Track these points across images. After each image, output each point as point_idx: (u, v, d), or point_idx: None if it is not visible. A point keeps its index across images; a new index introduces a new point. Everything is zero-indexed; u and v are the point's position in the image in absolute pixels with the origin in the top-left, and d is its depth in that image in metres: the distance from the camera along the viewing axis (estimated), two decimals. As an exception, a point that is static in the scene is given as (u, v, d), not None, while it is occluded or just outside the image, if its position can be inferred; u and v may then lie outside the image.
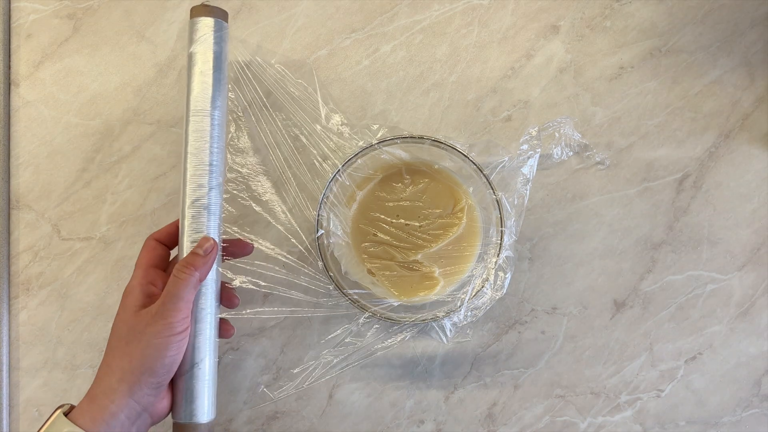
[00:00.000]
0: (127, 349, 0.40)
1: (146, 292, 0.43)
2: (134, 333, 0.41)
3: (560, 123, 0.54)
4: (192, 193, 0.44)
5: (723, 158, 0.56)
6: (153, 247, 0.46)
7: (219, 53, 0.46)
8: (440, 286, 0.52)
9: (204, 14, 0.46)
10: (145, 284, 0.43)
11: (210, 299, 0.44)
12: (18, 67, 0.55)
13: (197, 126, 0.44)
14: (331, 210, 0.51)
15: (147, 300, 0.43)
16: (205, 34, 0.45)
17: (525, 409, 0.56)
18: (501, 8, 0.56)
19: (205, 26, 0.45)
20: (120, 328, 0.42)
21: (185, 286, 0.41)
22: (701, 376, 0.56)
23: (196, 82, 0.45)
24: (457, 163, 0.52)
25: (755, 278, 0.56)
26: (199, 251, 0.43)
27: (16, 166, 0.55)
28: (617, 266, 0.56)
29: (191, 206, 0.44)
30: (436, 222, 0.53)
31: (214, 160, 0.45)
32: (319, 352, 0.54)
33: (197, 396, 0.43)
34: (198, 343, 0.43)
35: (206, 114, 0.44)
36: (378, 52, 0.56)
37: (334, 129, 0.53)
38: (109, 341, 0.42)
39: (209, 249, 0.43)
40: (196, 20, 0.46)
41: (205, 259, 0.43)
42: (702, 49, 0.56)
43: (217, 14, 0.46)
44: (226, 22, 0.47)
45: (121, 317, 0.42)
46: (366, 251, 0.53)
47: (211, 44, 0.45)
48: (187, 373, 0.43)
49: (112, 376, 0.40)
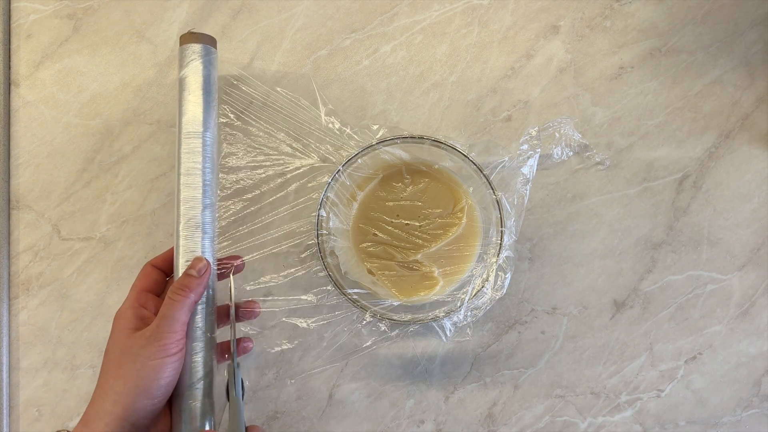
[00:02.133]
0: (120, 372, 0.40)
1: (138, 315, 0.42)
2: (128, 355, 0.40)
3: (560, 123, 0.54)
4: (186, 213, 0.45)
5: (723, 158, 0.56)
6: (148, 272, 0.46)
7: (208, 76, 0.47)
8: (440, 286, 0.52)
9: (192, 41, 0.47)
10: (137, 307, 0.43)
11: (206, 318, 0.44)
12: (18, 67, 0.55)
13: (189, 147, 0.45)
14: (331, 210, 0.51)
15: (139, 323, 0.42)
16: (194, 60, 0.47)
17: (525, 409, 0.56)
18: (501, 8, 0.56)
19: (194, 52, 0.47)
20: (113, 351, 0.41)
21: (180, 307, 0.41)
22: (701, 376, 0.56)
23: (186, 105, 0.46)
24: (457, 163, 0.52)
25: (755, 278, 0.56)
26: (193, 272, 0.43)
27: (16, 166, 0.55)
28: (617, 266, 0.56)
29: (185, 227, 0.44)
30: (436, 222, 0.53)
31: (206, 180, 0.45)
32: (320, 353, 0.54)
33: (196, 416, 0.42)
34: (195, 362, 0.43)
35: (198, 135, 0.46)
36: (378, 52, 0.56)
37: (333, 129, 0.53)
38: (103, 365, 0.41)
39: (203, 270, 0.43)
40: (185, 47, 0.47)
41: (199, 280, 0.43)
42: (702, 49, 0.56)
43: (205, 40, 0.48)
44: (215, 48, 0.49)
45: (113, 340, 0.42)
46: (366, 251, 0.53)
47: (200, 69, 0.47)
48: (185, 393, 0.42)
49: (106, 399, 0.39)
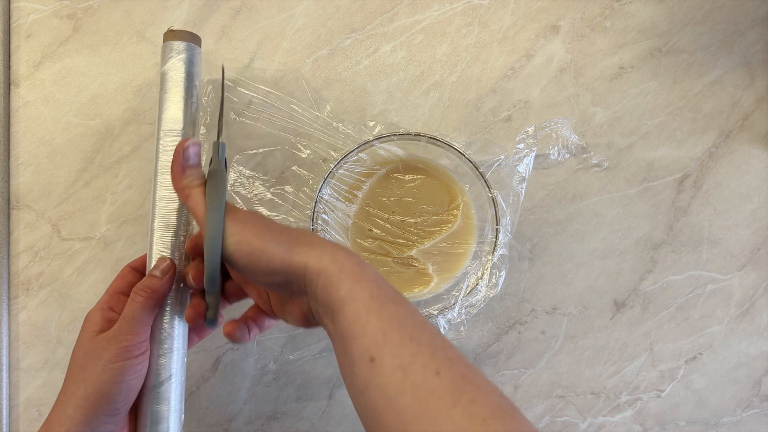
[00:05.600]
0: (83, 376, 0.39)
1: (106, 317, 0.41)
2: (90, 358, 0.39)
3: (557, 124, 0.54)
4: (160, 211, 0.44)
5: (723, 158, 0.56)
6: (125, 274, 0.44)
7: (190, 75, 0.46)
8: (434, 283, 0.52)
9: (176, 38, 0.47)
10: (106, 309, 0.42)
11: (173, 317, 0.43)
12: (18, 67, 0.55)
13: (166, 146, 0.44)
14: (327, 206, 0.51)
15: (106, 325, 0.41)
16: (177, 57, 0.46)
17: (525, 409, 0.56)
18: (501, 8, 0.56)
19: (174, 49, 0.46)
20: (77, 354, 0.40)
21: (142, 308, 0.40)
22: (701, 377, 0.56)
23: (166, 103, 0.45)
24: (453, 161, 0.52)
25: (755, 278, 0.56)
26: (156, 272, 0.42)
27: (16, 166, 0.55)
28: (617, 266, 0.56)
29: (158, 226, 0.44)
30: (431, 219, 0.53)
31: None
32: (320, 353, 0.54)
33: (161, 418, 0.42)
34: (161, 364, 0.42)
35: (176, 134, 0.45)
36: (378, 52, 0.56)
37: (330, 127, 0.53)
38: (68, 368, 0.40)
39: (166, 269, 0.42)
40: (168, 44, 0.47)
41: (162, 281, 0.41)
42: (702, 49, 0.56)
43: (188, 38, 0.47)
44: (198, 46, 0.48)
45: (79, 343, 0.41)
46: (361, 247, 0.53)
47: (181, 67, 0.46)
48: (150, 394, 0.42)
49: (69, 403, 0.38)
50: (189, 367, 0.55)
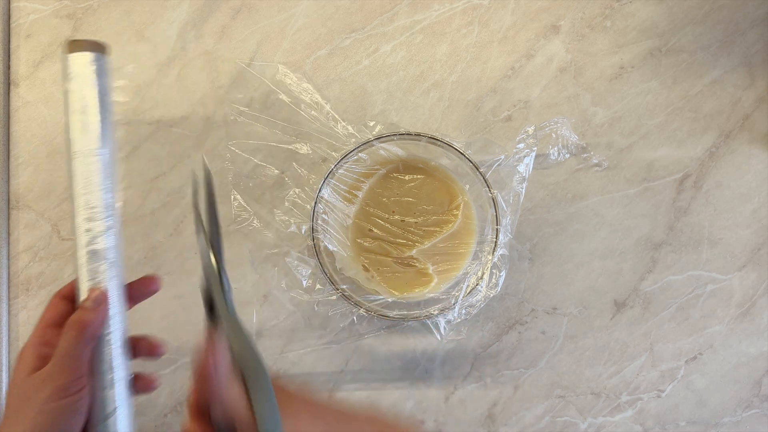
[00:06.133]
0: (18, 419, 0.36)
1: (39, 354, 0.38)
2: (23, 400, 0.36)
3: (557, 123, 0.54)
4: (82, 239, 0.40)
5: (723, 158, 0.56)
6: (55, 304, 0.40)
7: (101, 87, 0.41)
8: (434, 283, 0.52)
9: (78, 49, 0.41)
10: (38, 345, 0.38)
11: (115, 348, 0.40)
12: (18, 67, 0.55)
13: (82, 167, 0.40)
14: (327, 206, 0.51)
15: (39, 363, 0.38)
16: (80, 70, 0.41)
17: (525, 409, 0.56)
18: (501, 8, 0.56)
19: (79, 62, 0.41)
20: (11, 397, 0.37)
21: (76, 343, 0.37)
22: (702, 377, 0.56)
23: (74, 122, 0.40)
24: (453, 161, 0.52)
25: (755, 278, 0.56)
26: (88, 304, 0.39)
27: (16, 166, 0.55)
28: (617, 266, 0.56)
29: (84, 254, 0.40)
30: (431, 219, 0.53)
31: (107, 201, 0.40)
32: (319, 352, 0.54)
33: None
34: (105, 397, 0.39)
35: (91, 153, 0.40)
36: (378, 52, 0.56)
37: (331, 126, 0.53)
38: (4, 411, 0.37)
39: (100, 300, 0.39)
40: (69, 56, 0.41)
41: (95, 312, 0.38)
42: (702, 49, 0.56)
43: (92, 47, 0.41)
44: (104, 54, 0.42)
45: (12, 384, 0.38)
46: (361, 247, 0.53)
47: (88, 79, 0.41)
48: (96, 429, 0.39)
49: None
50: (179, 377, 0.55)
